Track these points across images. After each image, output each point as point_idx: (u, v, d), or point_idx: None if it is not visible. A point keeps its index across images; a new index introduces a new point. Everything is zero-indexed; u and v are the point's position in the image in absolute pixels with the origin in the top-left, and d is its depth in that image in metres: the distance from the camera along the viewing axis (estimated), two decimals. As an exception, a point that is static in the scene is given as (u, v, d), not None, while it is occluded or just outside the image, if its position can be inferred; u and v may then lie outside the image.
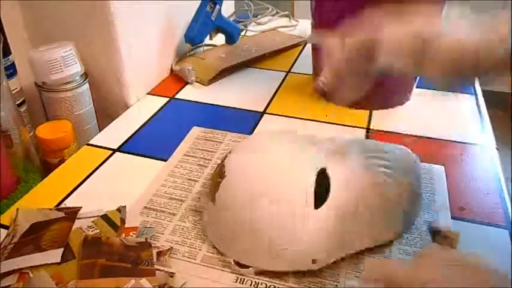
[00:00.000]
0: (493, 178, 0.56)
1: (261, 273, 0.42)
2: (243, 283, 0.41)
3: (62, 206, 0.50)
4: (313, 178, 0.42)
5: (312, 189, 0.41)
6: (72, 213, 0.47)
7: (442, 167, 0.57)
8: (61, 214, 0.47)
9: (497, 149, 0.62)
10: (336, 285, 0.41)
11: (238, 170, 0.44)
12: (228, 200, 0.43)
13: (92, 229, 0.45)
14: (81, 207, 0.48)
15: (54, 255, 0.41)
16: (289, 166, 0.44)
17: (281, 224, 0.41)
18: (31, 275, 0.40)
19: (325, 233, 0.40)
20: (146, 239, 0.44)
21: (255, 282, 0.41)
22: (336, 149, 0.46)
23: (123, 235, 0.44)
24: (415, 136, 0.64)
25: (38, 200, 0.51)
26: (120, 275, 0.39)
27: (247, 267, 0.42)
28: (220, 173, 0.45)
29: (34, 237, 0.44)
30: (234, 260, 0.42)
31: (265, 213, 0.41)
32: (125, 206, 0.48)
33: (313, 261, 0.40)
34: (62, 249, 0.42)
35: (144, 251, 0.42)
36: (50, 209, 0.48)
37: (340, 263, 0.43)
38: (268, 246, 0.41)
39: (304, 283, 0.41)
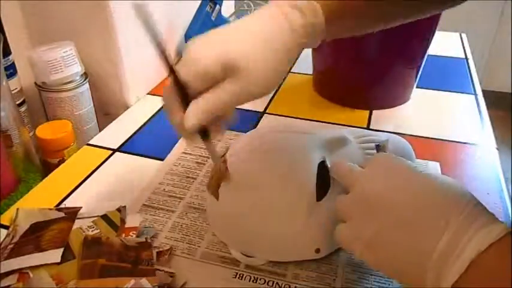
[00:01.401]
0: (493, 178, 0.56)
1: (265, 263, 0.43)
2: (242, 279, 0.41)
3: (62, 206, 0.50)
4: (315, 170, 0.43)
5: (314, 182, 0.42)
6: (72, 214, 0.47)
7: (437, 163, 0.57)
8: (61, 214, 0.47)
9: (497, 149, 0.62)
10: (334, 280, 0.41)
11: (240, 165, 0.45)
12: (231, 194, 0.44)
13: (92, 229, 0.45)
14: (81, 207, 0.48)
15: (54, 255, 0.41)
16: (291, 159, 0.44)
17: (285, 216, 0.42)
18: (31, 275, 0.40)
19: (328, 223, 0.41)
20: (146, 239, 0.44)
21: (254, 277, 0.41)
22: (334, 139, 0.47)
23: (123, 235, 0.44)
24: (415, 136, 0.64)
25: (38, 200, 0.51)
26: (120, 275, 0.39)
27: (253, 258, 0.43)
28: (221, 169, 0.45)
29: (34, 237, 0.44)
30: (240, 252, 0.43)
31: (269, 207, 0.42)
32: (124, 206, 0.48)
33: (317, 251, 0.42)
34: (62, 249, 0.42)
35: (144, 251, 0.42)
36: (50, 209, 0.48)
37: (337, 259, 0.43)
38: (272, 238, 0.42)
39: (302, 278, 0.41)
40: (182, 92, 0.35)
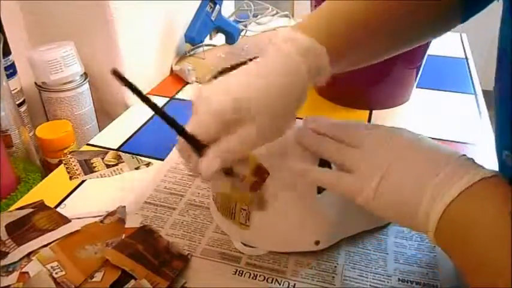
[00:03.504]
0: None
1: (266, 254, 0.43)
2: (242, 275, 0.41)
3: (62, 206, 0.50)
4: (316, 164, 0.43)
5: None
6: (40, 205, 0.49)
7: None
8: (29, 210, 0.47)
9: (497, 148, 0.62)
10: (333, 277, 0.41)
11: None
12: None
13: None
14: (42, 200, 0.49)
15: (74, 225, 0.45)
16: (291, 154, 0.44)
17: (286, 208, 0.42)
18: (31, 274, 0.40)
19: (328, 216, 0.42)
20: (188, 255, 0.43)
21: (254, 274, 0.41)
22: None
23: (123, 235, 0.45)
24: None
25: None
26: (143, 264, 0.41)
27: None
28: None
29: (24, 230, 0.44)
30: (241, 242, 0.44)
31: (271, 199, 0.42)
32: (124, 207, 0.48)
33: (316, 243, 0.42)
34: (74, 221, 0.46)
35: (177, 261, 0.42)
36: (11, 211, 0.48)
37: (337, 256, 0.43)
38: (273, 229, 0.43)
39: (301, 275, 0.41)
40: (193, 141, 0.36)
